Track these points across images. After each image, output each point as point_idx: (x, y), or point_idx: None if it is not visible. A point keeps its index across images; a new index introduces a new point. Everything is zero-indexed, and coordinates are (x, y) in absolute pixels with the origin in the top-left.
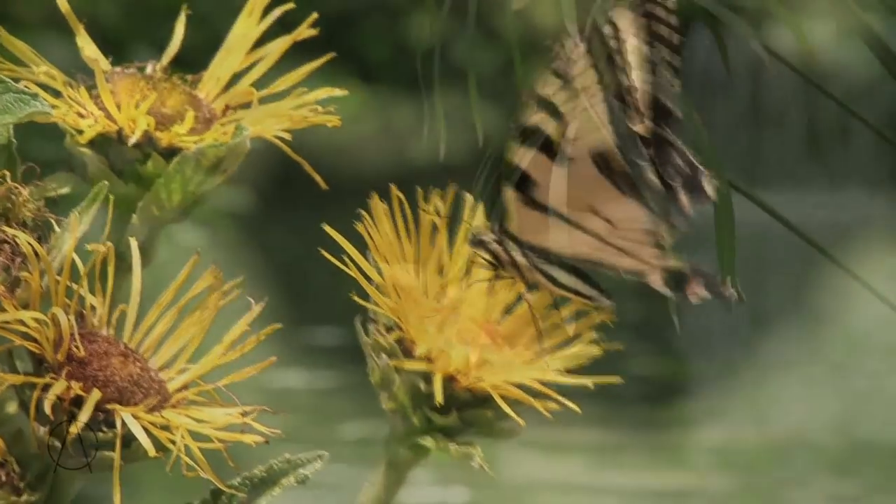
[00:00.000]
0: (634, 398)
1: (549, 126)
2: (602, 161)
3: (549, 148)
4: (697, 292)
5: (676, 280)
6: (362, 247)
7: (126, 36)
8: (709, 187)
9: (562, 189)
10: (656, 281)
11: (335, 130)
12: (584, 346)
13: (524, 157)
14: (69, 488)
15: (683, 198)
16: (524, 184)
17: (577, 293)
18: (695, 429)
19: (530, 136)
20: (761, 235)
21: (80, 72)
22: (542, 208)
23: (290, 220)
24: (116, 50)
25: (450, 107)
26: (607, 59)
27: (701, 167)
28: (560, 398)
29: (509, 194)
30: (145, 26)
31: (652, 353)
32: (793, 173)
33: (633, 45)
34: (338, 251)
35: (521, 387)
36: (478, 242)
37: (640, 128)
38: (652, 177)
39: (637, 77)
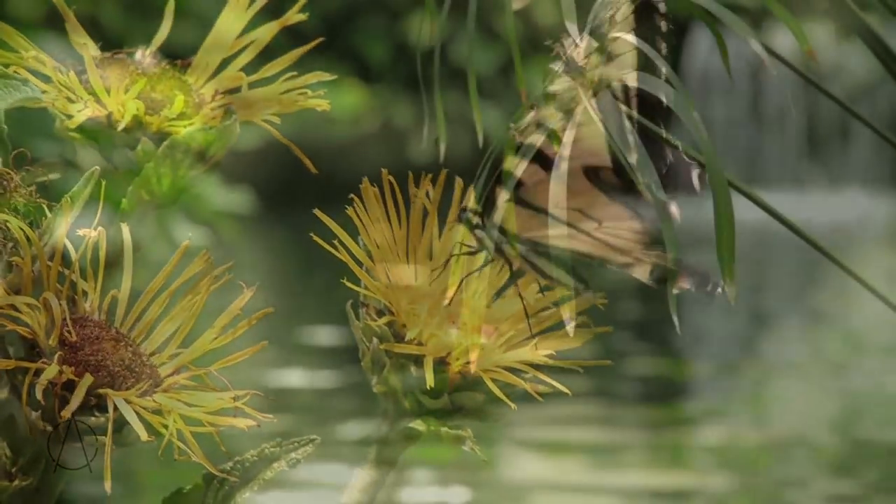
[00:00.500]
0: (634, 398)
1: (548, 125)
2: (591, 167)
3: (543, 155)
4: (683, 286)
5: (664, 275)
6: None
7: (126, 36)
8: (696, 181)
9: (559, 193)
10: (643, 274)
11: (335, 130)
12: (574, 330)
13: (521, 164)
14: (61, 473)
15: (673, 193)
16: (518, 185)
17: (563, 284)
18: (695, 429)
19: (530, 134)
20: (761, 235)
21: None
22: (534, 207)
23: (291, 220)
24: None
25: (450, 107)
26: (606, 57)
27: (690, 161)
28: (547, 378)
29: (504, 196)
30: (145, 26)
31: (652, 353)
32: (793, 173)
33: (627, 41)
34: (335, 252)
35: (511, 370)
36: (470, 226)
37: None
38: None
39: (632, 73)
